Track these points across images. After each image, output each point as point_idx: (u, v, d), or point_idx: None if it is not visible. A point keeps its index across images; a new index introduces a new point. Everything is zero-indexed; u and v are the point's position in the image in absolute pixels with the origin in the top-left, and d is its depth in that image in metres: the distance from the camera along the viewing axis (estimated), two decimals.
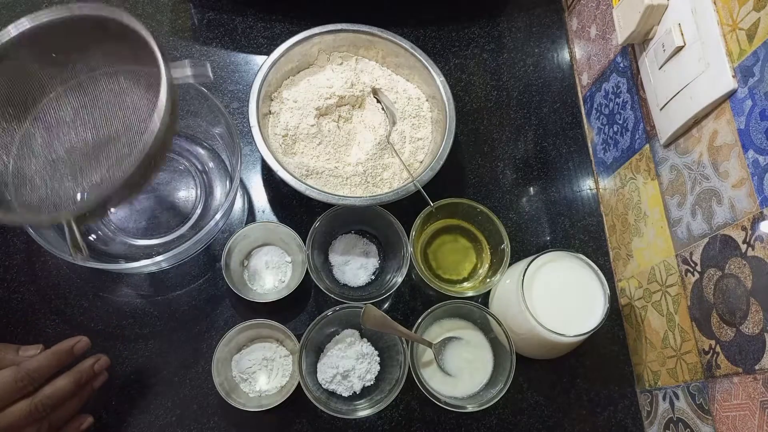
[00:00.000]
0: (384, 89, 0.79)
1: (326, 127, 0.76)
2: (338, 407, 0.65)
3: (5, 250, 0.73)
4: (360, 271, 0.73)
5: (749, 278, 0.54)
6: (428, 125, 0.79)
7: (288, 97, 0.76)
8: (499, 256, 0.72)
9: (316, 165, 0.74)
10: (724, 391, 0.58)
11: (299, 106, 0.75)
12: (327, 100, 0.76)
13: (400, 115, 0.78)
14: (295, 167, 0.73)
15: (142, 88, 0.57)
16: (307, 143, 0.74)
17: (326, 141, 0.75)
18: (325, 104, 0.76)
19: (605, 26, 0.80)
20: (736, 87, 0.55)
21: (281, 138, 0.74)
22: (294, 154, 0.74)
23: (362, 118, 0.79)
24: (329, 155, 0.75)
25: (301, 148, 0.75)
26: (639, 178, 0.73)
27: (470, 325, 0.71)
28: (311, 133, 0.74)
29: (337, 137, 0.76)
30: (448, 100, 0.75)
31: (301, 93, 0.76)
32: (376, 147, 0.75)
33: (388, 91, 0.79)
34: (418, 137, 0.78)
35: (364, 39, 0.79)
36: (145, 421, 0.68)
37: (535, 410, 0.73)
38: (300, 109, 0.75)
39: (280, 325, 0.67)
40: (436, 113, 0.78)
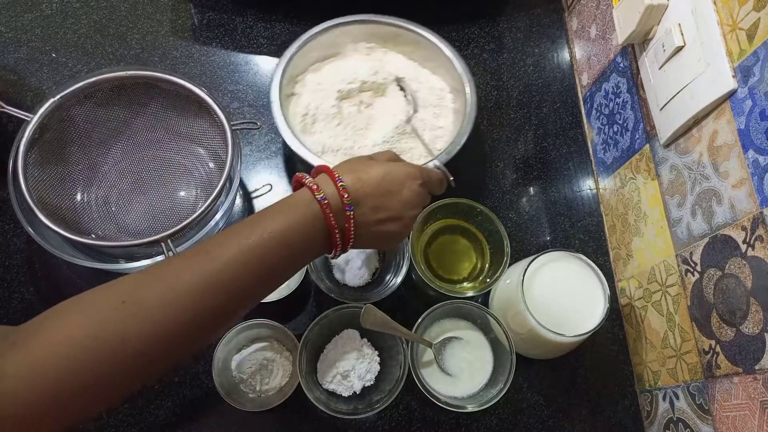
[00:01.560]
0: (408, 79, 0.81)
1: (347, 110, 0.78)
2: (338, 407, 0.65)
3: (5, 250, 0.72)
4: (360, 271, 0.73)
5: (749, 278, 0.54)
6: (449, 115, 0.80)
7: (312, 80, 0.79)
8: (499, 256, 0.72)
9: (333, 144, 0.76)
10: (724, 391, 0.58)
11: (322, 88, 0.78)
12: (350, 84, 0.78)
13: (422, 103, 0.79)
14: (311, 144, 0.75)
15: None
16: (326, 123, 0.76)
17: (345, 122, 0.77)
18: (348, 88, 0.78)
19: (605, 26, 0.80)
20: (736, 87, 0.55)
21: (301, 117, 0.76)
22: (312, 133, 0.76)
23: (383, 105, 0.80)
24: (347, 136, 0.77)
25: (320, 128, 0.76)
26: (639, 178, 0.73)
27: (470, 325, 0.71)
28: (331, 114, 0.76)
29: (357, 120, 0.78)
30: (468, 85, 0.77)
31: (325, 77, 0.79)
32: (394, 131, 0.77)
33: (412, 81, 0.81)
34: (438, 125, 0.79)
35: (391, 31, 0.80)
36: (145, 421, 0.68)
37: (535, 410, 0.73)
38: (323, 91, 0.77)
39: (280, 325, 0.67)
40: (459, 105, 0.78)
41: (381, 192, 0.53)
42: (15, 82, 0.80)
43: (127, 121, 0.73)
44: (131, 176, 0.74)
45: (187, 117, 0.73)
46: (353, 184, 0.52)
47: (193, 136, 0.75)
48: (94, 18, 0.85)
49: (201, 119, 0.72)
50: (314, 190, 0.51)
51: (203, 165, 0.76)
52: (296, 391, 0.66)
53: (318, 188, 0.51)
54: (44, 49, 0.83)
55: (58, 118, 0.68)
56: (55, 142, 0.69)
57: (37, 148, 0.66)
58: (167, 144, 0.75)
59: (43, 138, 0.67)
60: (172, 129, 0.74)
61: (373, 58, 0.81)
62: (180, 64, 0.84)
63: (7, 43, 0.82)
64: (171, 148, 0.75)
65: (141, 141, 0.75)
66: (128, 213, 0.73)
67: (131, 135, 0.74)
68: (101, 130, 0.72)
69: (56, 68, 0.82)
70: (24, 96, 0.80)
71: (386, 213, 0.54)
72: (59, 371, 0.39)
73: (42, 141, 0.67)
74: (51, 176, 0.68)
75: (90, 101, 0.70)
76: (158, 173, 0.75)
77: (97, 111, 0.71)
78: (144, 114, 0.73)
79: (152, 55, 0.84)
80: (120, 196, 0.74)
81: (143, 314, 0.42)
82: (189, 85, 0.69)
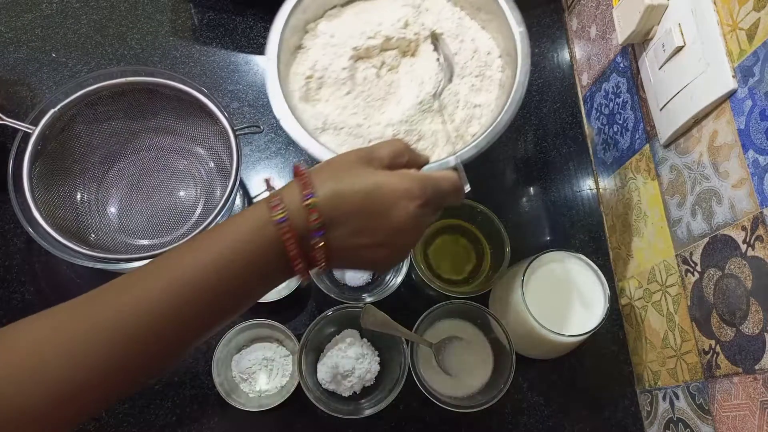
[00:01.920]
0: (447, 35, 0.63)
1: (362, 73, 0.61)
2: (338, 407, 0.65)
3: (5, 250, 0.72)
4: (360, 271, 0.73)
5: (749, 278, 0.54)
6: (494, 89, 0.63)
7: (325, 31, 0.62)
8: (499, 256, 0.71)
9: (338, 119, 0.60)
10: (724, 391, 0.58)
11: (334, 43, 0.61)
12: (370, 39, 0.61)
13: (459, 71, 0.62)
14: (310, 117, 0.59)
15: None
16: (334, 90, 0.60)
17: (358, 90, 0.61)
18: (366, 44, 0.61)
19: (605, 26, 0.80)
20: (736, 87, 0.55)
21: (303, 79, 0.61)
22: (316, 101, 0.61)
23: (412, 68, 0.63)
24: (358, 109, 0.61)
25: (327, 95, 0.61)
26: (639, 178, 0.73)
27: (470, 325, 0.71)
28: (341, 78, 0.60)
29: (374, 88, 0.61)
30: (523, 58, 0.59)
31: (342, 27, 0.62)
32: (416, 107, 0.60)
33: (452, 39, 0.63)
34: (476, 103, 0.62)
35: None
36: (145, 421, 0.68)
37: (535, 410, 0.73)
38: (335, 47, 0.61)
39: (280, 325, 0.67)
40: (509, 76, 0.61)
41: (365, 213, 0.43)
42: (15, 83, 0.80)
43: (127, 126, 0.74)
44: (132, 178, 0.75)
45: (188, 120, 0.73)
46: (329, 201, 0.41)
47: (194, 137, 0.75)
48: (94, 18, 0.85)
49: (202, 122, 0.72)
50: (273, 208, 0.40)
51: (203, 165, 0.76)
52: (296, 391, 0.66)
53: (278, 205, 0.41)
54: (44, 49, 0.82)
55: (59, 128, 0.69)
56: (58, 151, 0.70)
57: (40, 161, 0.67)
58: (168, 146, 0.75)
59: (46, 149, 0.68)
60: (173, 132, 0.75)
61: (407, 3, 0.64)
62: (180, 64, 0.84)
63: (7, 43, 0.82)
64: (171, 150, 0.75)
65: (142, 144, 0.75)
66: (129, 213, 0.73)
67: (131, 139, 0.75)
68: (102, 136, 0.73)
69: (56, 68, 0.82)
70: (24, 96, 0.80)
71: (370, 238, 0.43)
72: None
73: (44, 152, 0.67)
74: (54, 184, 0.69)
75: (90, 109, 0.70)
76: (159, 174, 0.75)
77: (97, 117, 0.71)
78: (144, 118, 0.73)
79: (152, 55, 0.84)
80: (121, 198, 0.74)
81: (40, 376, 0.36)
82: (191, 90, 0.69)
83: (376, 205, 0.43)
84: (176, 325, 0.39)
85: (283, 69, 0.59)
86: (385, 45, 0.62)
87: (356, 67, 0.61)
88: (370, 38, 0.61)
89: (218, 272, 0.40)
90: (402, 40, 0.62)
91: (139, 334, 0.38)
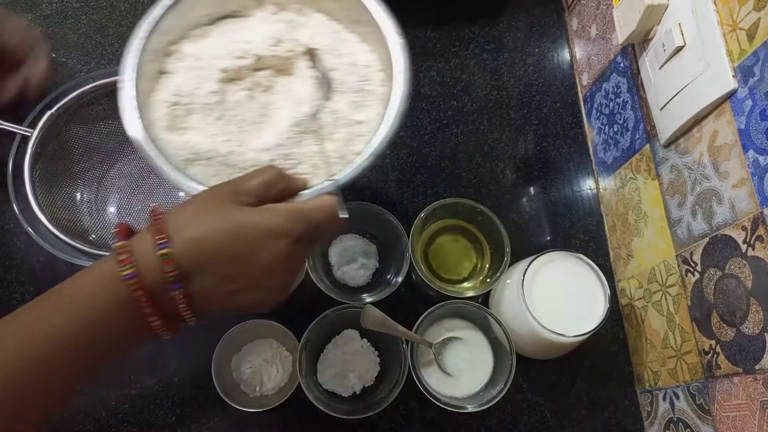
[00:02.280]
0: (323, 50, 0.59)
1: (234, 96, 0.56)
2: (338, 407, 0.65)
3: (5, 250, 0.73)
4: (360, 271, 0.73)
5: (749, 278, 0.54)
6: (376, 104, 0.58)
7: (190, 53, 0.57)
8: (499, 256, 0.71)
9: (209, 147, 0.54)
10: (724, 391, 0.58)
11: (200, 66, 0.56)
12: (239, 59, 0.56)
13: (339, 86, 0.58)
14: (176, 148, 0.54)
15: None
16: (203, 116, 0.55)
17: (229, 115, 0.56)
18: (236, 65, 0.56)
19: (605, 26, 0.80)
20: (737, 87, 0.54)
21: (168, 107, 0.55)
22: (185, 130, 0.55)
23: (288, 88, 0.58)
24: (230, 135, 0.55)
25: (196, 123, 0.55)
26: (639, 178, 0.73)
27: (470, 325, 0.71)
28: (209, 104, 0.55)
29: (248, 111, 0.56)
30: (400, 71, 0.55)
31: (209, 48, 0.57)
32: (293, 129, 0.55)
33: (329, 54, 0.59)
34: (358, 120, 0.57)
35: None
36: (145, 421, 0.68)
37: (535, 410, 0.73)
38: (201, 70, 0.56)
39: (280, 325, 0.67)
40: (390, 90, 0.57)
41: (229, 258, 0.39)
42: None
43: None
44: (132, 178, 0.74)
45: None
46: (186, 249, 0.37)
47: None
48: (94, 18, 0.85)
49: None
50: (121, 262, 0.36)
51: None
52: (296, 391, 0.66)
53: (127, 258, 0.37)
54: None
55: (58, 129, 0.69)
56: (57, 152, 0.70)
57: (40, 162, 0.67)
58: None
59: (45, 150, 0.68)
60: None
61: (280, 19, 0.59)
62: None
63: None
64: None
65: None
66: (129, 213, 0.73)
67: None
68: (100, 135, 0.73)
69: (56, 68, 0.81)
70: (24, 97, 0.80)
71: (239, 284, 0.40)
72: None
73: (44, 153, 0.68)
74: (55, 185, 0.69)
75: (88, 109, 0.70)
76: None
77: (96, 117, 0.71)
78: None
79: None
80: (121, 198, 0.74)
81: None
82: None
83: (240, 248, 0.39)
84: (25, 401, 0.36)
85: (143, 97, 0.54)
86: (257, 64, 0.57)
87: (226, 90, 0.56)
88: (239, 58, 0.56)
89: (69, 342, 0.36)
90: (275, 59, 0.58)
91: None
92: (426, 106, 0.85)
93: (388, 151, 0.82)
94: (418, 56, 0.87)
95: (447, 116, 0.84)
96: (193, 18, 0.58)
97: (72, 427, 0.67)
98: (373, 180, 0.80)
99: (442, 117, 0.84)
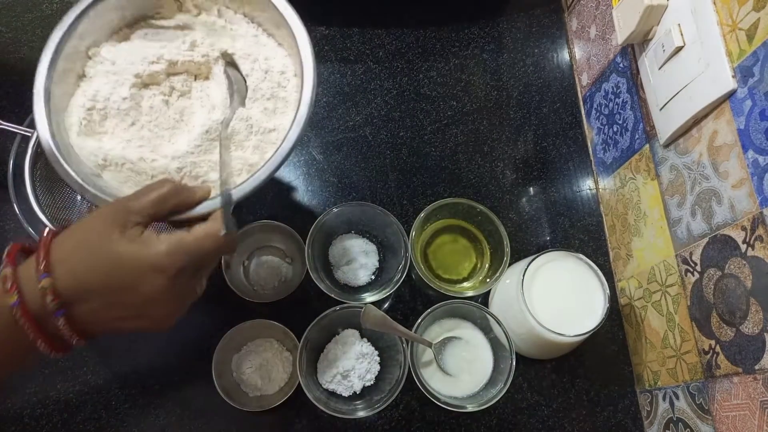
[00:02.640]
0: (239, 55, 0.59)
1: (148, 102, 0.57)
2: (338, 407, 0.65)
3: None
4: (360, 271, 0.73)
5: (749, 278, 0.54)
6: (290, 111, 0.57)
7: (107, 57, 0.57)
8: (499, 256, 0.72)
9: (120, 153, 0.54)
10: (724, 391, 0.58)
11: (115, 71, 0.57)
12: (153, 64, 0.57)
13: (251, 94, 0.58)
14: (89, 153, 0.54)
15: None
16: (118, 122, 0.56)
17: (144, 120, 0.56)
18: (149, 70, 0.57)
19: (605, 26, 0.80)
20: (736, 87, 0.55)
21: (84, 111, 0.55)
22: (102, 135, 0.56)
23: (204, 93, 0.59)
24: (143, 141, 0.56)
25: (111, 128, 0.56)
26: (639, 178, 0.73)
27: (470, 325, 0.71)
28: (123, 109, 0.55)
29: (162, 117, 0.57)
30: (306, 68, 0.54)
31: (125, 53, 0.57)
32: (203, 136, 0.55)
33: (244, 59, 0.59)
34: (269, 128, 0.57)
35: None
36: (145, 421, 0.68)
37: (535, 410, 0.73)
38: (116, 74, 0.56)
39: (280, 325, 0.67)
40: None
41: (110, 289, 0.40)
42: (15, 83, 0.80)
43: None
44: None
45: None
46: (67, 280, 0.39)
47: None
48: None
49: None
50: (7, 291, 0.38)
51: None
52: (296, 391, 0.66)
53: (12, 286, 0.38)
54: None
55: None
56: None
57: (40, 162, 0.67)
58: None
59: None
60: None
61: (199, 22, 0.59)
62: None
63: (7, 43, 0.82)
64: None
65: None
66: None
67: None
68: None
69: None
70: (24, 97, 0.79)
71: (123, 312, 0.41)
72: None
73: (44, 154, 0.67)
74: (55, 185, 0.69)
75: None
76: None
77: None
78: None
79: None
80: None
81: None
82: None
83: (119, 281, 0.40)
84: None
85: (63, 100, 0.55)
86: (171, 69, 0.58)
87: (141, 95, 0.57)
88: (152, 63, 0.57)
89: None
90: (189, 63, 0.58)
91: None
92: (426, 106, 0.85)
93: (388, 152, 0.82)
94: (418, 56, 0.87)
95: (447, 116, 0.85)
96: (110, 21, 0.58)
97: (72, 427, 0.67)
98: (373, 180, 0.80)
99: (442, 117, 0.84)
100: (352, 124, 0.83)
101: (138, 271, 0.40)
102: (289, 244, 0.73)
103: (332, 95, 0.84)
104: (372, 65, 0.86)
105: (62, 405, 0.68)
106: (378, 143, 0.82)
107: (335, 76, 0.85)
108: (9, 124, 0.65)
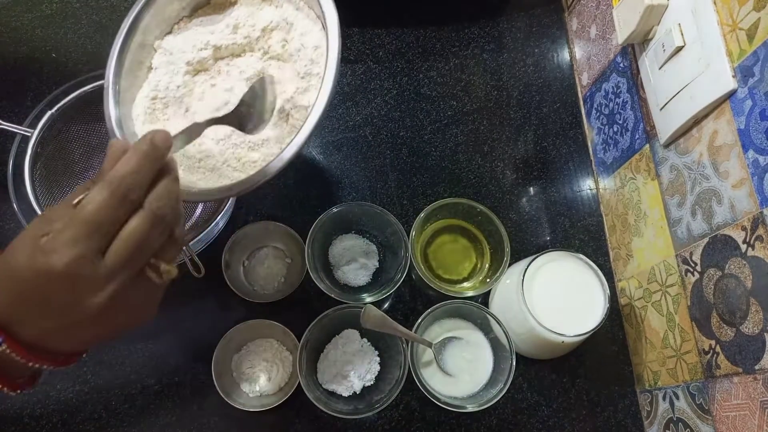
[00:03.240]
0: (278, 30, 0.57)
1: (200, 88, 0.58)
2: (338, 407, 0.65)
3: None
4: (360, 271, 0.73)
5: (749, 278, 0.54)
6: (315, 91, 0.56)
7: (166, 48, 0.59)
8: (499, 256, 0.72)
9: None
10: (724, 391, 0.58)
11: (172, 60, 0.58)
12: (201, 51, 0.57)
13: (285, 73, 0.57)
14: None
15: None
16: (176, 109, 0.57)
17: (195, 107, 0.57)
18: (198, 57, 0.57)
19: (605, 26, 0.80)
20: (736, 87, 0.55)
21: (149, 101, 0.57)
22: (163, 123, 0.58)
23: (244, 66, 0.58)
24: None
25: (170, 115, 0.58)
26: (639, 178, 0.73)
27: (470, 325, 0.71)
28: (177, 97, 0.57)
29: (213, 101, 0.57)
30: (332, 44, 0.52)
31: (181, 42, 0.59)
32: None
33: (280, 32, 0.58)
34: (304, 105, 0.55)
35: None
36: (145, 421, 0.68)
37: (535, 410, 0.73)
38: (172, 64, 0.58)
39: (280, 325, 0.67)
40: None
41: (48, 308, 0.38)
42: (15, 83, 0.80)
43: None
44: None
45: None
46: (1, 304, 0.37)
47: None
48: (94, 18, 0.85)
49: None
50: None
51: None
52: (296, 391, 0.66)
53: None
54: (44, 49, 0.83)
55: (58, 129, 0.69)
56: (57, 152, 0.70)
57: (40, 163, 0.67)
58: None
59: (45, 151, 0.68)
60: None
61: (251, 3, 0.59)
62: None
63: (7, 43, 0.82)
64: None
65: None
66: None
67: None
68: (100, 135, 0.73)
69: (56, 68, 0.82)
70: (24, 97, 0.80)
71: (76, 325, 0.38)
72: None
73: (44, 154, 0.68)
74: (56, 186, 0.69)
75: (88, 109, 0.70)
76: None
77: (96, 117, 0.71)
78: None
79: None
80: None
81: None
82: None
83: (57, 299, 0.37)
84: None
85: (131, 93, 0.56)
86: (217, 54, 0.58)
87: (194, 82, 0.58)
88: (201, 50, 0.57)
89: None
90: (235, 46, 0.58)
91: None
92: (426, 106, 0.85)
93: (388, 151, 0.82)
94: (418, 56, 0.87)
95: (447, 116, 0.85)
96: (170, 13, 0.59)
97: (72, 427, 0.67)
98: (373, 180, 0.80)
99: (442, 117, 0.84)
100: (352, 124, 0.83)
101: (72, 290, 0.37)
102: (289, 244, 0.73)
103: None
104: (372, 65, 0.86)
105: (62, 405, 0.68)
106: (378, 143, 0.82)
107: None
108: (9, 124, 0.65)
